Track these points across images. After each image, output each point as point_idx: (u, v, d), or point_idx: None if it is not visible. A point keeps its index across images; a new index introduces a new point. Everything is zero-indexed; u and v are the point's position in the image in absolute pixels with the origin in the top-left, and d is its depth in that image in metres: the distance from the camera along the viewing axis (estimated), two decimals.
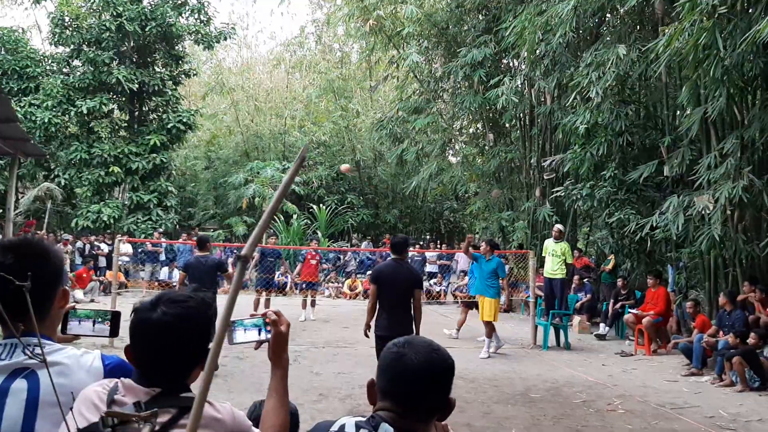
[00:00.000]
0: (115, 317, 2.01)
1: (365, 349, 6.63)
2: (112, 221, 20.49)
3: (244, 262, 0.60)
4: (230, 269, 8.92)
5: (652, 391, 8.17)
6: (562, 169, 13.70)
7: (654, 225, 10.65)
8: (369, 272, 18.19)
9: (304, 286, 14.30)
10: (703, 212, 9.60)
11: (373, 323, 6.59)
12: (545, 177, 15.39)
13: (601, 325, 12.97)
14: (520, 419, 6.66)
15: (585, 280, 14.45)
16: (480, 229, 21.14)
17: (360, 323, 6.87)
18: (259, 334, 1.86)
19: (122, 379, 1.62)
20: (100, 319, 2.02)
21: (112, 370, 1.76)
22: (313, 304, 14.12)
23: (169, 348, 1.61)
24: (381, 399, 1.68)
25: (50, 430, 1.61)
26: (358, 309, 14.36)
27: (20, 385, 1.64)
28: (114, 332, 2.01)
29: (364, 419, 1.65)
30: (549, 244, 12.28)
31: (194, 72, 25.21)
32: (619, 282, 13.08)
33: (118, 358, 1.82)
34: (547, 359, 10.18)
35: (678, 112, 12.66)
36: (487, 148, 18.39)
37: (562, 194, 13.45)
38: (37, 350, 1.68)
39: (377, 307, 6.56)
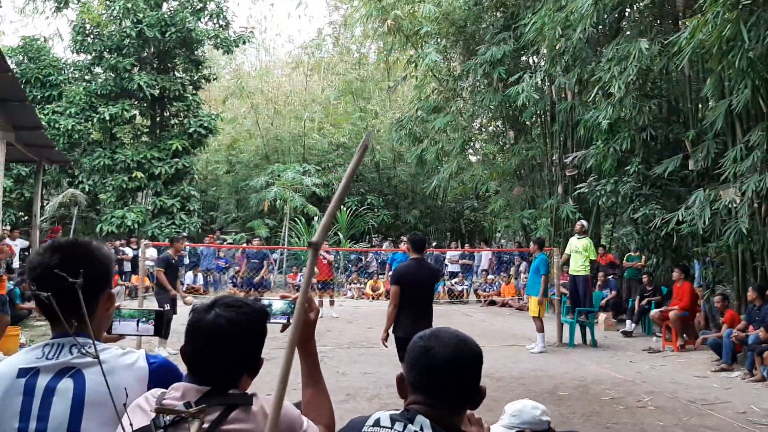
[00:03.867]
0: (158, 316, 2.04)
1: (390, 349, 6.62)
2: (136, 226, 20.71)
3: (315, 249, 0.61)
4: None
5: (682, 387, 8.08)
6: (585, 165, 13.60)
7: (680, 220, 10.53)
8: (390, 273, 18.23)
9: (319, 286, 14.41)
10: (729, 206, 9.49)
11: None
12: (567, 174, 15.28)
13: (627, 321, 12.86)
14: (549, 417, 6.61)
15: (610, 276, 14.34)
16: (501, 228, 21.06)
17: (383, 323, 6.85)
18: (288, 317, 1.88)
19: (173, 385, 1.64)
20: (144, 319, 2.04)
21: (157, 369, 1.77)
22: (332, 303, 14.34)
23: (219, 350, 1.63)
24: (412, 392, 1.69)
25: (97, 428, 1.62)
26: (380, 309, 14.37)
27: (66, 384, 1.66)
28: (157, 331, 2.03)
29: (398, 413, 1.66)
30: (572, 241, 12.20)
31: (214, 76, 25.37)
32: (645, 278, 12.96)
33: (163, 358, 1.84)
34: (573, 357, 10.11)
35: (701, 105, 12.53)
36: (507, 145, 18.30)
37: (586, 190, 13.35)
38: (86, 349, 1.71)
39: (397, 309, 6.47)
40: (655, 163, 12.11)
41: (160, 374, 1.76)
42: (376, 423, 1.64)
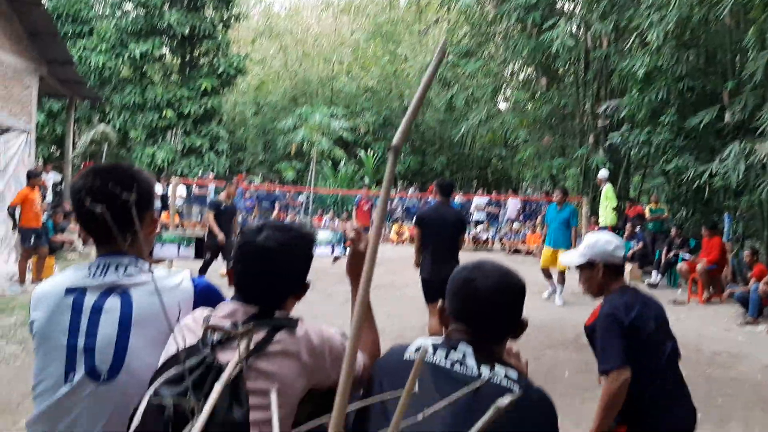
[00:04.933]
0: (199, 242, 2.07)
1: (414, 291, 6.70)
2: (166, 164, 20.91)
3: (395, 153, 0.61)
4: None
5: (707, 339, 8.08)
6: (618, 115, 13.36)
7: (713, 173, 10.35)
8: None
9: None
10: (765, 160, 9.30)
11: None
12: (599, 124, 15.05)
13: (653, 273, 12.79)
14: (571, 363, 6.68)
15: (637, 228, 14.22)
16: (529, 177, 20.89)
17: (407, 267, 6.92)
18: (333, 248, 1.91)
19: (220, 305, 1.68)
20: (185, 243, 2.08)
21: (202, 291, 1.81)
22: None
23: (268, 270, 1.66)
24: (453, 322, 1.71)
25: (144, 348, 1.66)
26: (404, 254, 14.46)
27: (113, 302, 1.69)
28: (198, 255, 2.07)
29: (440, 340, 1.67)
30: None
31: (244, 16, 25.12)
32: (674, 231, 12.84)
33: (207, 281, 1.88)
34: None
35: (741, 57, 12.15)
36: (539, 93, 17.99)
37: (618, 140, 13.14)
38: (130, 269, 1.74)
39: (422, 249, 6.61)
40: (691, 114, 11.85)
41: (205, 296, 1.80)
42: (418, 350, 1.66)
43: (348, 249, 1.87)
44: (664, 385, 2.78)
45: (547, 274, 10.17)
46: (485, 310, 1.66)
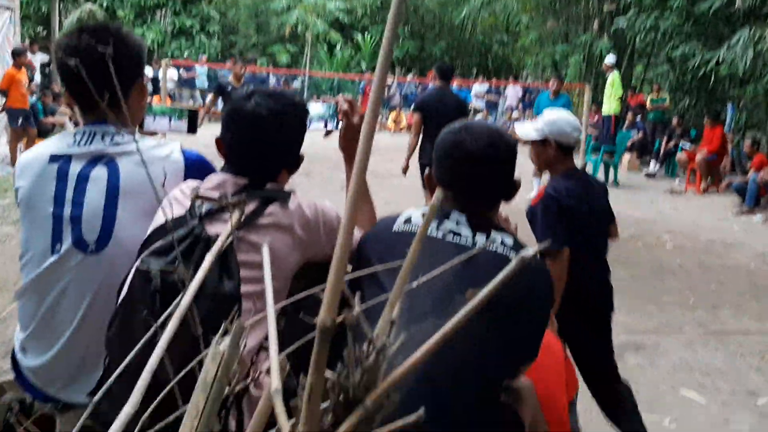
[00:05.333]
0: (192, 115, 1.95)
1: (411, 179, 6.62)
2: (155, 46, 20.29)
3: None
4: None
5: (703, 228, 8.11)
6: None
7: (719, 60, 10.06)
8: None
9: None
10: None
11: (416, 154, 6.54)
12: (605, 8, 14.48)
13: (652, 162, 12.73)
14: None
15: (638, 117, 14.02)
16: (531, 63, 20.39)
17: (404, 154, 6.81)
18: (326, 123, 1.79)
19: (208, 177, 1.57)
20: (176, 116, 1.95)
21: (193, 163, 1.71)
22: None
23: (259, 139, 1.55)
24: (444, 190, 1.60)
25: (132, 219, 1.59)
26: (402, 142, 14.32)
27: (100, 172, 1.60)
28: (191, 130, 1.95)
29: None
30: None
31: None
32: (675, 120, 12.66)
33: (198, 153, 1.77)
34: None
35: None
36: None
37: (624, 26, 12.68)
38: (117, 138, 1.64)
39: (421, 136, 6.44)
40: None
41: (196, 168, 1.70)
42: (407, 221, 1.57)
43: (341, 122, 1.74)
44: (594, 265, 2.89)
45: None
46: (478, 172, 1.55)
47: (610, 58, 12.49)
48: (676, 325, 4.71)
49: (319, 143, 1.99)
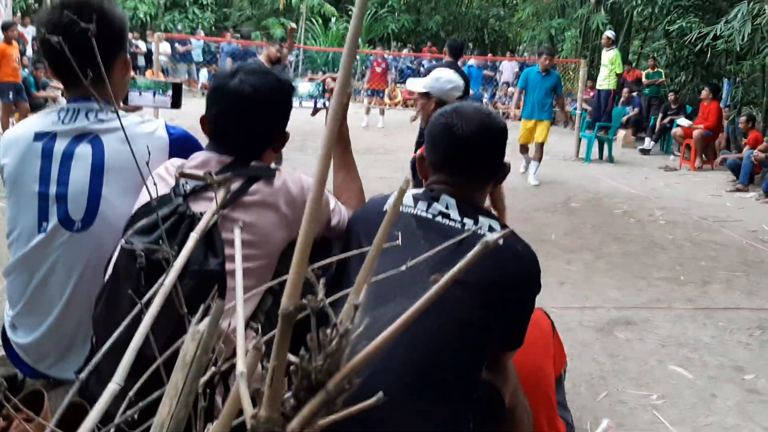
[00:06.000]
0: (176, 88, 1.94)
1: (406, 154, 6.62)
2: (148, 19, 20.08)
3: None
4: None
5: (695, 204, 8.14)
6: None
7: (717, 34, 10.01)
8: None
9: (370, 93, 14.28)
10: None
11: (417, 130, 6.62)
12: None
13: (647, 139, 12.72)
14: (559, 226, 6.74)
15: (634, 93, 13.97)
16: (527, 38, 20.25)
17: (400, 130, 6.86)
18: (315, 100, 1.79)
19: (193, 155, 1.57)
20: (160, 90, 1.95)
21: (177, 140, 1.71)
22: (382, 112, 14.21)
23: (243, 116, 1.55)
24: (433, 173, 1.63)
25: (118, 196, 1.60)
26: (396, 117, 14.25)
27: (84, 149, 1.61)
28: (175, 104, 1.94)
29: (420, 191, 1.60)
30: (603, 54, 11.77)
31: None
32: (671, 96, 12.62)
33: (183, 129, 1.77)
34: (589, 172, 10.12)
35: None
36: None
37: None
38: (101, 115, 1.64)
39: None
40: None
41: (181, 146, 1.70)
42: None
43: (329, 100, 1.74)
44: None
45: (524, 149, 9.03)
46: (468, 155, 1.58)
47: (610, 33, 12.36)
48: (665, 300, 4.74)
49: (314, 118, 2.00)
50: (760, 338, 4.15)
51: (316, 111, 1.80)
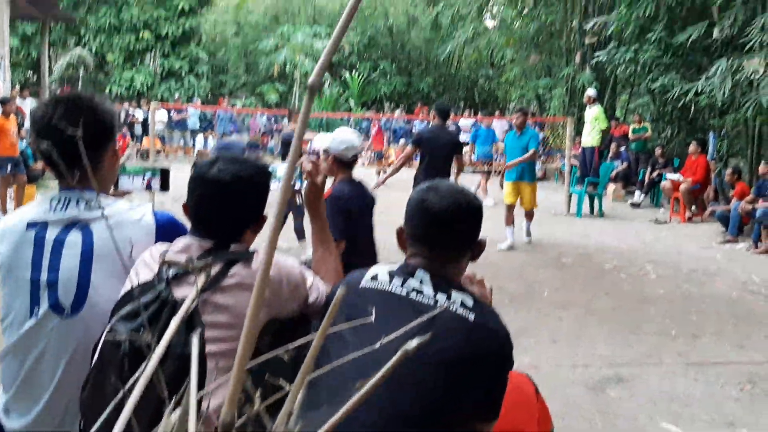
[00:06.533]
0: (164, 173, 2.04)
1: (398, 213, 6.69)
2: (145, 88, 20.52)
3: (311, 92, 0.57)
4: None
5: (686, 257, 8.21)
6: (605, 32, 13.12)
7: (699, 90, 10.27)
8: (401, 141, 18.07)
9: (373, 155, 14.75)
10: (752, 77, 9.22)
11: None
12: (586, 41, 14.78)
13: (636, 192, 12.89)
14: (551, 282, 6.80)
15: (622, 148, 14.22)
16: (516, 97, 20.68)
17: (392, 189, 7.01)
18: (294, 182, 1.88)
19: (176, 240, 1.65)
20: (150, 174, 2.05)
21: (164, 225, 1.79)
22: (378, 172, 14.56)
23: (222, 203, 1.64)
24: (410, 245, 1.70)
25: (106, 282, 1.67)
26: (390, 177, 14.43)
27: (75, 237, 1.69)
28: (164, 187, 2.04)
29: (396, 267, 1.66)
30: (587, 111, 12.07)
31: None
32: (657, 150, 12.85)
33: (170, 215, 1.86)
34: (579, 226, 10.23)
35: None
36: (526, 10, 17.56)
37: (604, 58, 12.95)
38: (93, 203, 1.73)
39: (418, 167, 7.07)
40: (679, 30, 11.64)
41: (167, 230, 1.78)
42: (374, 278, 1.64)
43: (306, 181, 1.84)
44: (364, 249, 3.60)
45: (510, 211, 8.48)
46: (439, 229, 1.65)
47: (591, 91, 12.75)
48: (656, 355, 4.77)
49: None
50: (751, 392, 4.17)
51: (295, 192, 1.90)
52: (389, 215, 8.12)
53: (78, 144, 1.44)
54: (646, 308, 5.97)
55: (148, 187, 1.94)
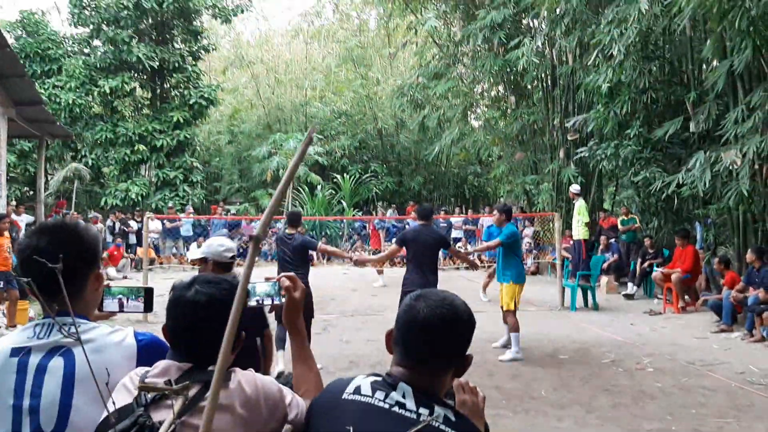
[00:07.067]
0: (148, 293, 2.08)
1: (393, 314, 6.68)
2: (140, 199, 20.81)
3: (256, 243, 0.64)
4: (320, 246, 7.95)
5: (682, 348, 8.17)
6: (586, 129, 13.54)
7: (680, 182, 10.51)
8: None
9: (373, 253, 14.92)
10: (730, 167, 9.46)
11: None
12: (569, 138, 15.24)
13: (629, 284, 12.92)
14: (548, 380, 6.72)
15: (612, 240, 14.37)
16: (504, 192, 21.05)
17: (388, 291, 7.06)
18: (273, 299, 1.92)
19: (155, 363, 1.68)
20: (133, 296, 2.09)
21: (145, 346, 1.82)
22: (380, 272, 14.55)
23: (199, 325, 1.67)
24: (394, 349, 1.68)
25: (87, 405, 1.68)
26: (385, 277, 14.45)
27: (57, 362, 1.72)
28: (148, 308, 2.08)
29: (380, 379, 1.64)
30: (574, 206, 12.32)
31: (213, 47, 25.25)
32: (647, 241, 12.99)
33: (152, 335, 1.89)
34: (574, 320, 10.20)
35: (703, 66, 12.40)
36: (509, 110, 18.20)
37: (586, 155, 13.32)
38: (72, 329, 1.76)
39: (406, 265, 7.18)
40: (656, 125, 12.07)
41: (149, 351, 1.81)
42: (357, 391, 1.63)
43: (284, 297, 1.88)
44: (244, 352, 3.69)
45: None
46: (425, 339, 1.61)
47: (574, 187, 13.09)
48: None
49: (271, 315, 2.13)
50: None
51: (273, 308, 1.94)
52: (385, 315, 8.10)
53: (65, 267, 1.50)
54: (645, 404, 5.88)
55: (121, 309, 1.99)
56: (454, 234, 19.53)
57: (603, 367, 7.29)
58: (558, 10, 13.43)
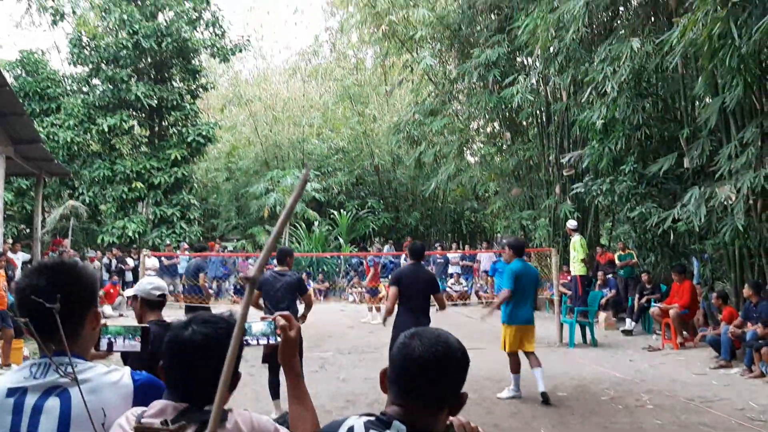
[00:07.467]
0: (144, 332, 2.09)
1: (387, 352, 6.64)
2: (136, 236, 20.80)
3: (252, 284, 0.65)
4: (310, 290, 7.69)
5: (681, 385, 8.11)
6: (581, 165, 13.63)
7: (676, 218, 10.55)
8: (389, 281, 18.20)
9: (369, 291, 14.87)
10: (725, 203, 9.50)
11: (392, 322, 7.05)
12: (564, 174, 15.34)
13: (627, 320, 12.87)
14: (547, 418, 6.66)
15: (609, 275, 14.36)
16: (501, 228, 21.10)
17: (385, 328, 7.04)
18: (269, 338, 1.92)
19: (152, 403, 1.68)
20: (130, 335, 2.10)
21: (141, 386, 1.83)
22: (378, 309, 14.47)
23: (196, 365, 1.67)
24: (389, 389, 1.68)
25: None
26: (382, 314, 14.38)
27: (53, 402, 1.72)
28: (144, 347, 2.08)
29: (373, 419, 1.62)
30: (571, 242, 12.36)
31: (211, 85, 25.49)
32: (644, 276, 12.98)
33: (148, 375, 1.89)
34: (573, 357, 10.14)
35: (696, 103, 12.54)
36: (504, 146, 18.37)
37: (582, 190, 13.39)
38: (68, 369, 1.77)
39: (397, 306, 7.04)
40: (651, 161, 12.14)
41: (145, 391, 1.81)
42: (350, 431, 1.62)
43: (279, 337, 1.89)
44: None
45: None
46: (420, 377, 1.61)
47: (571, 223, 13.14)
48: None
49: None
50: None
51: (269, 348, 1.94)
52: (382, 352, 8.00)
53: (63, 306, 1.51)
54: None
55: (110, 348, 2.00)
56: (451, 270, 19.51)
57: (602, 404, 7.23)
58: (552, 49, 13.62)
